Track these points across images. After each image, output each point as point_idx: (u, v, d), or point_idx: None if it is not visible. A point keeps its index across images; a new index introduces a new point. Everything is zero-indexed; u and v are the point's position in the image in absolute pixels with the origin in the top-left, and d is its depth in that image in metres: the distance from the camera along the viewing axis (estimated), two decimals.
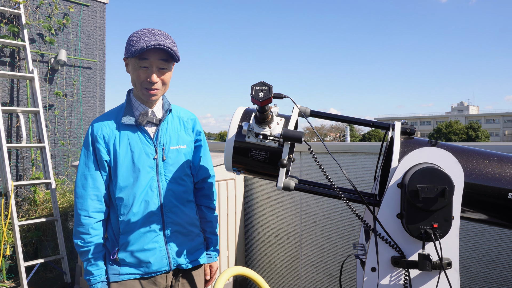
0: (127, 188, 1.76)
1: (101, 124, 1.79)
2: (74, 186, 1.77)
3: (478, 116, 79.78)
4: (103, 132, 1.77)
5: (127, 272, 1.78)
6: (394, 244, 1.26)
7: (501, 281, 2.49)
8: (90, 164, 1.77)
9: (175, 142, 1.85)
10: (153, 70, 1.72)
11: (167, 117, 1.86)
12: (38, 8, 4.95)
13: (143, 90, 1.75)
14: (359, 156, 3.07)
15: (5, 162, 3.97)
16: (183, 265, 1.86)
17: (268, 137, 1.34)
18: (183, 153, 1.87)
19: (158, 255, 1.79)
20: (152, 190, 1.78)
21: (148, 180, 1.77)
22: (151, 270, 1.79)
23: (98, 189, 1.77)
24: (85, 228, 1.74)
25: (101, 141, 1.77)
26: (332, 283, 3.28)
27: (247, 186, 3.81)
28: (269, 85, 1.24)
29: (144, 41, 1.65)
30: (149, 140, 1.79)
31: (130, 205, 1.76)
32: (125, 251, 1.77)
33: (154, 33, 1.70)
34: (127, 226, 1.76)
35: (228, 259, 3.62)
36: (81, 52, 5.36)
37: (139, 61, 1.70)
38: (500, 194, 1.33)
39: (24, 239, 4.38)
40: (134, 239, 1.76)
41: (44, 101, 4.99)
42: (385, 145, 1.59)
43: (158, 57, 1.71)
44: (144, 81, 1.73)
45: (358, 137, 57.60)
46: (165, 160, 1.81)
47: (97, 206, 1.77)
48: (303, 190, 1.40)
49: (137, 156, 1.76)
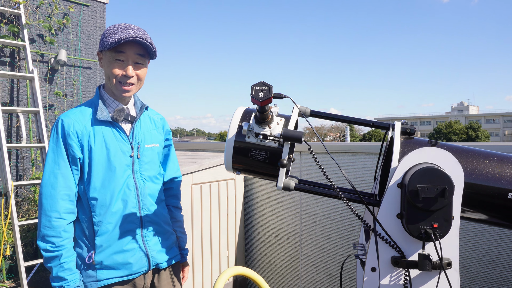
0: (103, 187, 1.67)
1: (72, 120, 1.68)
2: (40, 185, 1.66)
3: (478, 116, 79.77)
4: (75, 128, 1.67)
5: (106, 276, 1.69)
6: (394, 244, 1.26)
7: (501, 281, 2.49)
8: (60, 161, 1.65)
9: (149, 140, 1.82)
10: (128, 64, 1.68)
11: (141, 116, 1.83)
12: (38, 8, 4.95)
13: (117, 85, 1.69)
14: (359, 156, 3.07)
15: (5, 162, 3.97)
16: (161, 264, 1.82)
17: (268, 137, 1.34)
18: (157, 151, 1.85)
19: (137, 256, 1.74)
20: (129, 189, 1.72)
21: (125, 178, 1.72)
22: (131, 271, 1.73)
23: (70, 188, 1.66)
24: (55, 231, 1.62)
25: (74, 137, 1.66)
26: (332, 283, 3.28)
27: (247, 186, 3.81)
28: (269, 85, 1.24)
29: (122, 34, 1.62)
30: (124, 137, 1.74)
31: (108, 204, 1.67)
32: (103, 254, 1.68)
33: (132, 27, 1.66)
34: (104, 227, 1.67)
35: (228, 259, 3.61)
36: (81, 52, 5.36)
37: (115, 54, 1.65)
38: (500, 194, 1.33)
39: (24, 239, 4.38)
40: (112, 240, 1.68)
41: (44, 101, 4.99)
42: (385, 145, 1.59)
43: (135, 51, 1.67)
44: (119, 75, 1.68)
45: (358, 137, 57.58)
46: (140, 158, 1.76)
47: (68, 207, 1.66)
48: (303, 190, 1.40)
49: (113, 153, 1.69)
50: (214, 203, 3.45)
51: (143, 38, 1.64)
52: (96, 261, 1.68)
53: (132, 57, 1.68)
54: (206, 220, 3.37)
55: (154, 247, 1.79)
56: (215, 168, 3.40)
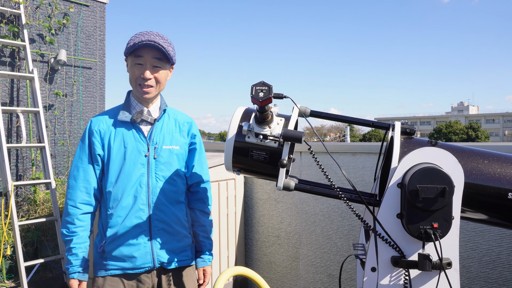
0: (117, 182, 1.81)
1: (99, 120, 1.87)
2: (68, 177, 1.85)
3: (478, 116, 79.80)
4: (99, 128, 1.85)
5: (113, 266, 1.82)
6: (394, 244, 1.26)
7: (501, 281, 2.49)
8: (84, 157, 1.84)
9: (168, 142, 1.89)
10: (146, 67, 1.80)
11: (163, 118, 1.92)
12: (38, 8, 4.95)
13: (137, 87, 1.83)
14: (359, 156, 3.07)
15: (5, 162, 3.97)
16: (166, 264, 1.86)
17: (268, 137, 1.34)
18: (176, 153, 1.90)
19: (142, 251, 1.81)
20: (141, 186, 1.82)
21: (138, 176, 1.82)
22: (135, 265, 1.81)
23: (88, 182, 1.83)
24: (71, 217, 1.80)
25: (97, 135, 1.84)
26: (332, 283, 3.28)
27: (247, 186, 3.81)
28: (269, 85, 1.24)
29: (138, 39, 1.76)
30: (142, 137, 1.85)
31: (119, 199, 1.80)
32: (111, 244, 1.81)
33: (151, 33, 1.80)
34: (115, 220, 1.81)
35: (228, 259, 3.62)
36: (81, 52, 5.37)
37: (134, 58, 1.79)
38: (500, 194, 1.33)
39: (24, 239, 4.38)
40: (120, 233, 1.80)
41: (44, 101, 4.99)
42: (385, 145, 1.59)
43: (152, 55, 1.79)
44: (138, 78, 1.81)
45: (358, 137, 57.60)
46: (156, 158, 1.85)
47: (85, 198, 1.82)
48: (303, 190, 1.40)
49: (129, 152, 1.82)
50: (214, 203, 3.45)
51: (155, 42, 1.75)
52: (105, 251, 1.82)
53: (150, 60, 1.79)
54: None
55: (160, 246, 1.84)
56: (215, 168, 3.40)
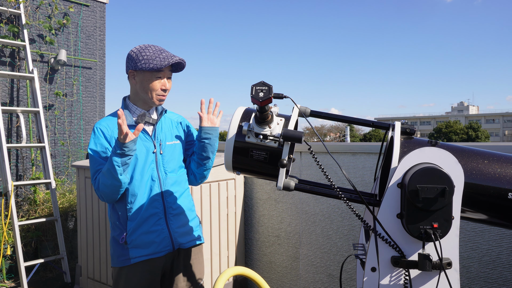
0: (133, 180, 1.99)
1: (103, 126, 2.05)
2: (91, 171, 2.00)
3: (478, 116, 79.76)
4: (105, 133, 2.02)
5: (136, 254, 1.99)
6: (394, 244, 1.26)
7: (501, 281, 2.49)
8: (101, 163, 1.96)
9: (170, 138, 2.13)
10: (165, 79, 2.04)
11: (162, 118, 2.15)
12: (38, 8, 4.95)
13: (155, 97, 2.04)
14: (359, 156, 3.07)
15: (5, 162, 3.97)
16: (184, 244, 2.09)
17: (268, 137, 1.34)
18: (177, 147, 2.15)
19: (161, 236, 2.02)
20: (153, 180, 2.04)
21: (150, 171, 2.03)
22: (158, 250, 2.01)
23: None
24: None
25: (104, 141, 2.01)
26: (332, 283, 3.28)
27: (247, 186, 3.81)
28: (269, 85, 1.24)
29: (164, 58, 1.97)
30: (148, 137, 2.06)
31: (136, 194, 2.00)
32: (133, 235, 1.99)
33: (166, 51, 2.02)
34: (134, 213, 1.99)
35: (228, 259, 3.62)
36: (81, 52, 5.37)
37: (156, 73, 1.99)
38: (500, 194, 1.33)
39: (24, 239, 4.38)
40: (140, 223, 1.99)
41: (44, 101, 4.99)
42: (385, 145, 1.59)
43: (169, 69, 2.05)
44: (158, 90, 2.03)
45: (358, 137, 57.59)
46: (162, 154, 2.07)
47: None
48: (303, 190, 1.40)
49: (140, 151, 2.01)
50: (214, 203, 3.46)
51: (180, 60, 2.02)
52: (127, 241, 1.99)
53: (167, 73, 2.05)
54: (206, 220, 3.38)
55: (177, 229, 2.07)
56: (215, 168, 3.40)
